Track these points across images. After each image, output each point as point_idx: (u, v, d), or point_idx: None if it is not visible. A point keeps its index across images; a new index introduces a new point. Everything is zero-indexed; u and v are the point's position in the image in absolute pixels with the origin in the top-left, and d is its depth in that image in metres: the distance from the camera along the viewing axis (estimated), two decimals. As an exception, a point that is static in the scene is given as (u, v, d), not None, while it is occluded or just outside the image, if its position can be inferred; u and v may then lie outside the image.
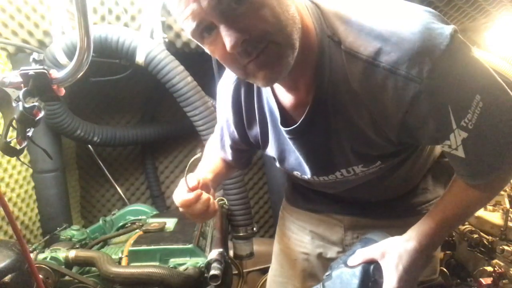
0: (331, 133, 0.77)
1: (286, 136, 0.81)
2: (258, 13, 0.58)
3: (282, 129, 0.80)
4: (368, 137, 0.74)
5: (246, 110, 0.88)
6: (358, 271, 0.75)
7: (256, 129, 0.90)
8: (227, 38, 0.59)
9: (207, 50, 0.68)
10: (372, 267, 0.74)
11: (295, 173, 0.91)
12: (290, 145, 0.83)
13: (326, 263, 1.10)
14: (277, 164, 0.94)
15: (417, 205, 0.99)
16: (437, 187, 1.00)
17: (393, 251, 0.74)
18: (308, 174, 0.87)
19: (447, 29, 0.60)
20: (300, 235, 1.14)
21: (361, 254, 0.77)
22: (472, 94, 0.63)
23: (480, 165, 0.70)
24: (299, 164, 0.86)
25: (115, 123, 2.24)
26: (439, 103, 0.63)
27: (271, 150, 0.90)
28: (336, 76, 0.69)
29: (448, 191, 0.79)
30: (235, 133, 0.95)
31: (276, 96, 0.80)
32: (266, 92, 0.82)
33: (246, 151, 1.03)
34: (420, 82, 0.61)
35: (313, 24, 0.68)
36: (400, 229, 0.87)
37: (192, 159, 0.81)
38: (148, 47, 1.55)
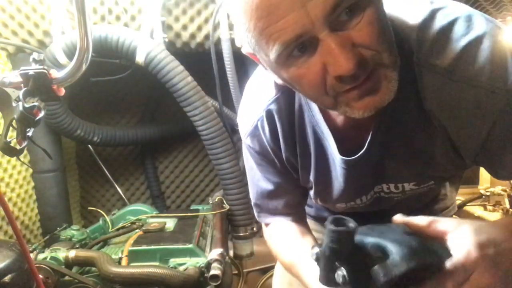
0: (387, 157, 0.69)
1: (340, 165, 0.71)
2: (370, 29, 0.49)
3: (339, 158, 0.70)
4: (433, 160, 0.66)
5: (285, 144, 0.77)
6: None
7: (295, 163, 0.80)
8: (341, 58, 0.48)
9: (282, 75, 0.57)
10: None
11: (337, 205, 0.83)
12: (338, 171, 0.74)
13: None
14: (312, 195, 0.84)
15: (437, 211, 0.99)
16: (453, 193, 1.01)
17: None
18: (347, 199, 0.80)
19: None
20: None
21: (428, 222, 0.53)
22: None
23: None
24: (342, 191, 0.77)
25: (115, 123, 2.24)
26: None
27: (307, 180, 0.81)
28: (404, 95, 0.59)
29: None
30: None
31: (327, 121, 0.70)
32: (312, 116, 0.71)
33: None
34: (505, 94, 0.54)
35: None
36: None
37: None
38: (148, 47, 1.55)
